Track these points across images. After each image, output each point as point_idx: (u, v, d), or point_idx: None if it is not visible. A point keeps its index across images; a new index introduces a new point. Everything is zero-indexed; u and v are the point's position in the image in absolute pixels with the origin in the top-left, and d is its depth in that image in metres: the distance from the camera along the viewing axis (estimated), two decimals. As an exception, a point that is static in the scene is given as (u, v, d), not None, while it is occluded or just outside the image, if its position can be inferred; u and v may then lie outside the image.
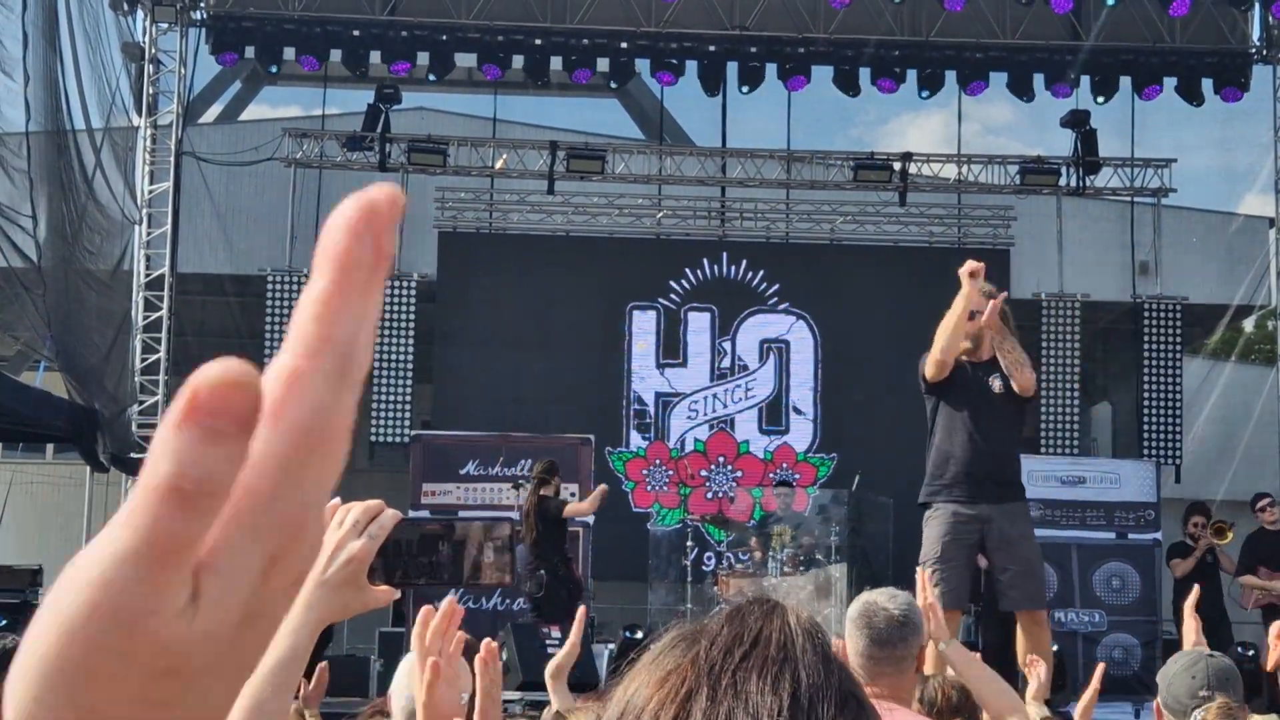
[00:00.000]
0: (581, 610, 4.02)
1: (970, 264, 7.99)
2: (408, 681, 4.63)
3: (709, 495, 18.48)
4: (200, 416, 0.60)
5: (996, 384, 8.35)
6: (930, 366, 8.25)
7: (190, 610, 0.62)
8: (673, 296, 18.82)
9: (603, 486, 14.06)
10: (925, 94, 19.22)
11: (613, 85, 20.84)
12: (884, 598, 4.89)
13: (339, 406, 0.65)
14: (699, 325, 18.85)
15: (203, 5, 18.57)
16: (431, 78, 19.39)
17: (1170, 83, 19.11)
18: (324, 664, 4.39)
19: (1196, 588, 5.65)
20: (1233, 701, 4.49)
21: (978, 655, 5.27)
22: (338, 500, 2.02)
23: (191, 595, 0.62)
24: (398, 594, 2.06)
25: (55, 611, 0.61)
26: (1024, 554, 8.53)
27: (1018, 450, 8.88)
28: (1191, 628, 5.52)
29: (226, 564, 0.62)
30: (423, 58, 19.00)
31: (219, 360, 0.62)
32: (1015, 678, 7.24)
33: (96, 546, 0.61)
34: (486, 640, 2.64)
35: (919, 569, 8.21)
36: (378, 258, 0.67)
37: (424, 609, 2.28)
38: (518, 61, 19.02)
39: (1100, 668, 5.15)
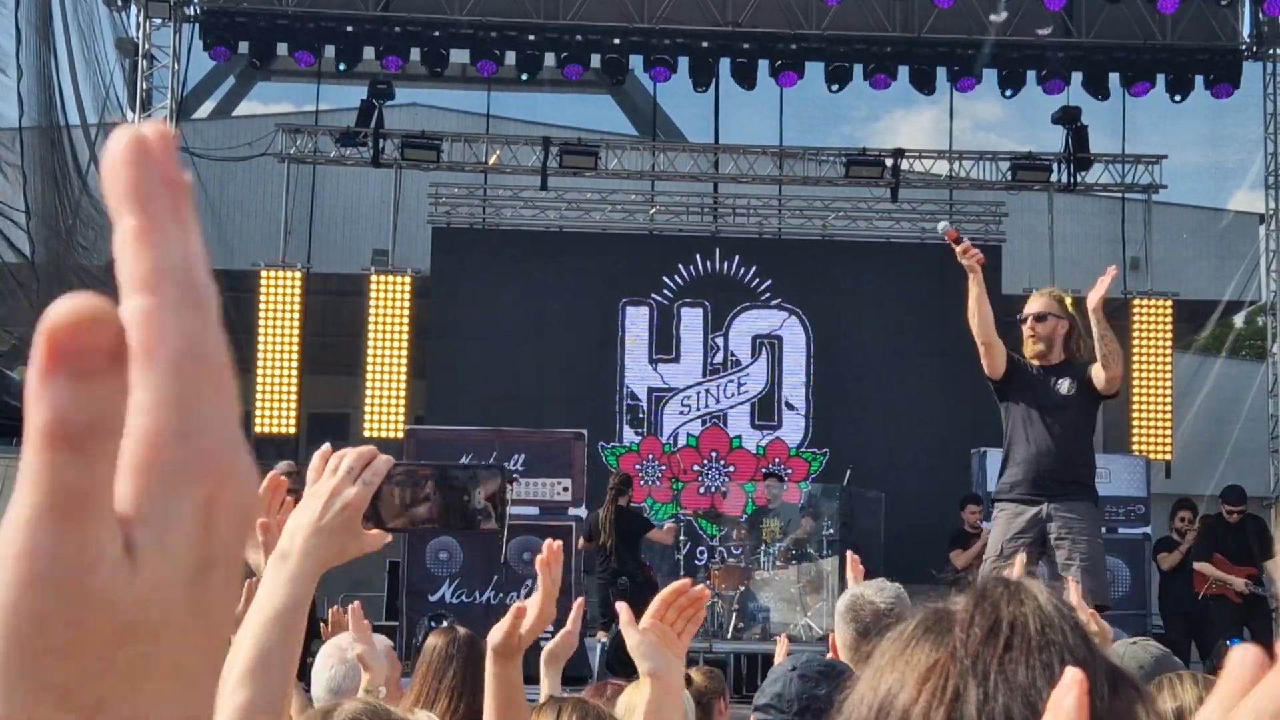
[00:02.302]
0: (579, 601, 4.08)
1: (963, 248, 8.08)
2: (323, 664, 4.78)
3: (701, 490, 18.54)
4: (64, 360, 0.58)
5: (1064, 385, 8.33)
6: (984, 360, 8.21)
7: (128, 563, 0.59)
8: (665, 292, 18.87)
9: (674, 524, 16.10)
10: (926, 91, 19.22)
11: (605, 82, 20.87)
12: (871, 591, 4.91)
13: (205, 331, 0.62)
14: (691, 320, 18.90)
15: (196, 1, 18.60)
16: (425, 73, 19.42)
17: (1161, 79, 19.17)
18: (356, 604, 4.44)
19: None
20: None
21: None
22: (328, 446, 2.08)
23: (125, 547, 0.59)
24: (389, 538, 2.09)
25: None
26: (1086, 550, 8.49)
27: (1087, 450, 8.78)
28: None
29: (153, 511, 0.60)
30: (416, 53, 19.03)
31: (65, 298, 0.59)
32: None
33: (8, 520, 0.58)
34: (549, 541, 2.92)
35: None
36: (169, 185, 0.62)
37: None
38: (511, 58, 19.05)
39: None
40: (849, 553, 5.48)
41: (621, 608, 2.71)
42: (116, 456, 0.59)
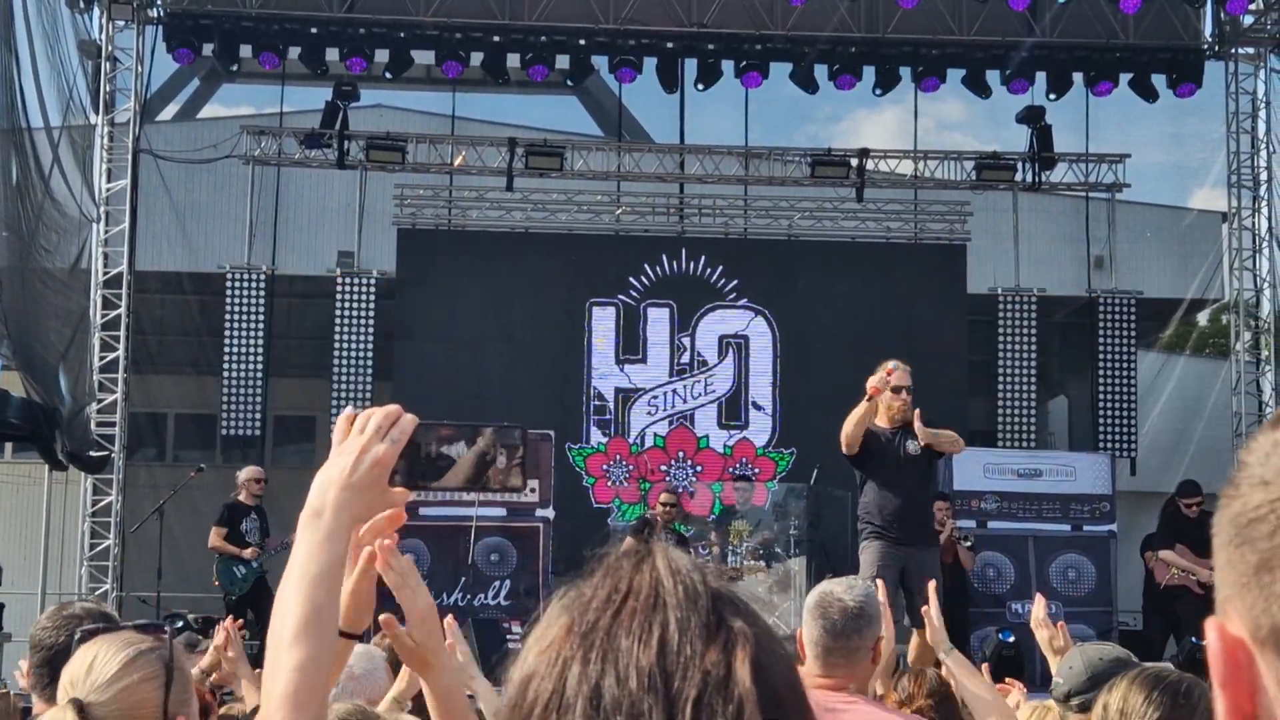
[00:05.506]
0: (449, 621, 3.28)
1: (874, 383, 10.17)
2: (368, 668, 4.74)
3: (669, 490, 18.52)
4: None
5: (912, 446, 10.22)
6: (845, 449, 10.29)
7: None
8: (632, 292, 18.86)
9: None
10: (878, 91, 19.32)
11: (570, 83, 20.86)
12: (841, 589, 4.87)
13: None
14: (658, 321, 18.89)
15: (159, 2, 18.50)
16: (389, 75, 19.37)
17: (1124, 79, 19.26)
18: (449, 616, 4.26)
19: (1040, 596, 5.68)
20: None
21: (973, 666, 5.56)
22: (352, 409, 2.12)
23: None
24: (411, 495, 2.15)
25: None
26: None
27: (931, 500, 11.18)
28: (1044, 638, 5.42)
29: None
30: (381, 55, 18.98)
31: None
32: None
33: None
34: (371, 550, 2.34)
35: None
36: None
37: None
38: (476, 59, 19.02)
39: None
40: None
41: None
42: None
